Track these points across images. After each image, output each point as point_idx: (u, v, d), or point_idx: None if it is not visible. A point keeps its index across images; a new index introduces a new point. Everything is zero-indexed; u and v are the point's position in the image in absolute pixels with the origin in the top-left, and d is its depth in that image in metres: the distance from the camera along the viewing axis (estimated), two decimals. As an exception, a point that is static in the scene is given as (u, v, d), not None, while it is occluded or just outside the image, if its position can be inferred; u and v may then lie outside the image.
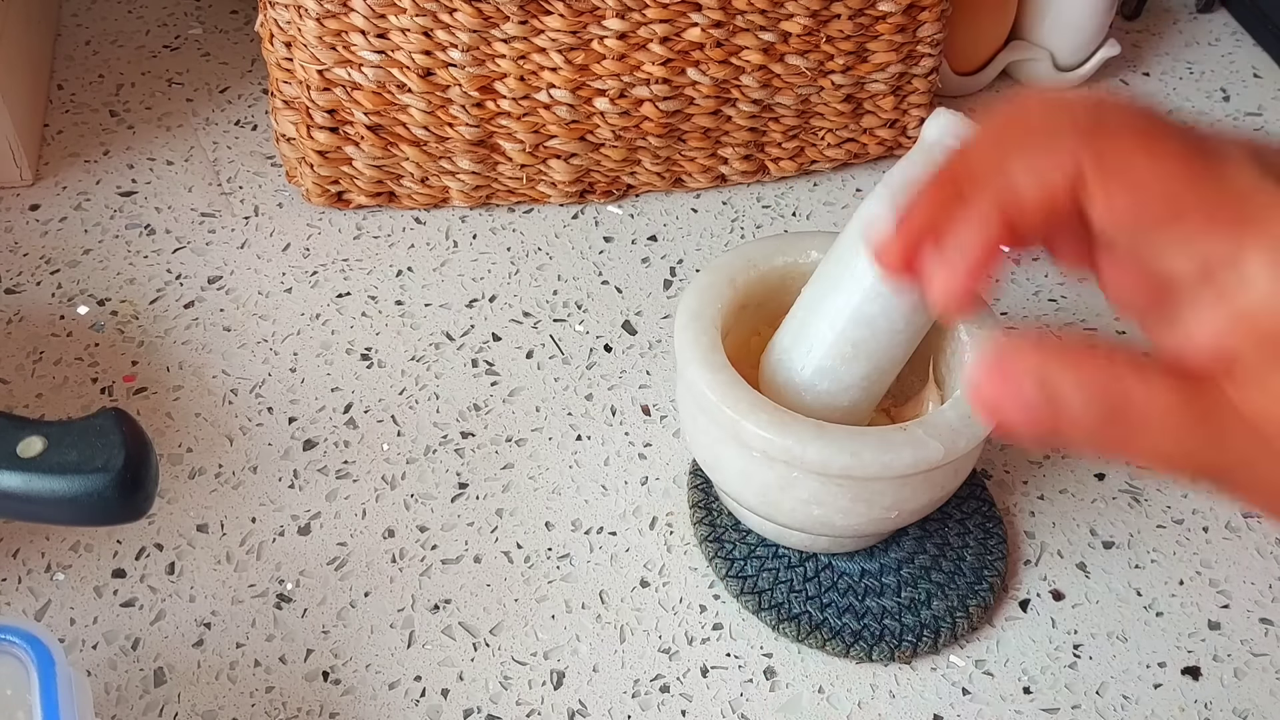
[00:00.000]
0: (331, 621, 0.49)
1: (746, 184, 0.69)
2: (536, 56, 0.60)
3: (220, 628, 0.48)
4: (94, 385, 0.57)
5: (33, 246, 0.63)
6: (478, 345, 0.59)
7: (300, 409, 0.56)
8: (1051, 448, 0.48)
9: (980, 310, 0.48)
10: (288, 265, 0.63)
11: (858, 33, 0.64)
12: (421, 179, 0.64)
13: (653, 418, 0.57)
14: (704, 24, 0.61)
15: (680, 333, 0.47)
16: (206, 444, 0.55)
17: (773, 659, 0.48)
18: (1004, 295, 0.64)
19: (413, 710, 0.46)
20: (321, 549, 0.51)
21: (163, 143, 0.69)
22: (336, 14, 0.58)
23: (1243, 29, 0.83)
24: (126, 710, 0.46)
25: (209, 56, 0.76)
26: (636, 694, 0.47)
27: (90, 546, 0.51)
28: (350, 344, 0.59)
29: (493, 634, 0.49)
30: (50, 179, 0.67)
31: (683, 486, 0.54)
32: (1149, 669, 0.49)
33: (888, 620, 0.49)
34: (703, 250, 0.65)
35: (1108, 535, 0.53)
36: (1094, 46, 0.75)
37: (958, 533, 0.52)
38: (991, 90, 0.77)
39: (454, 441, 0.55)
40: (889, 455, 0.43)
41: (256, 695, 0.46)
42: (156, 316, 0.60)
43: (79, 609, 0.49)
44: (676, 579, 0.51)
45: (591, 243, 0.65)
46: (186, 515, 0.52)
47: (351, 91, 0.61)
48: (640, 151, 0.65)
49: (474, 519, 0.52)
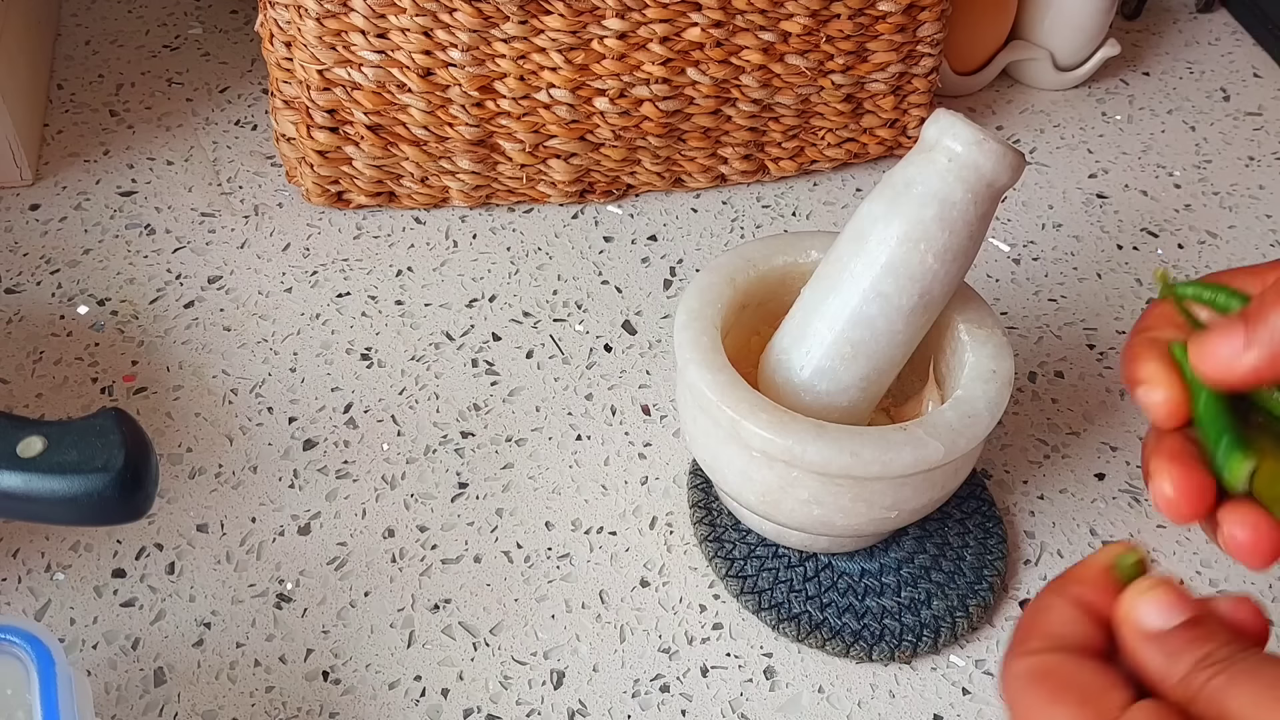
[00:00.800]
0: (331, 621, 0.49)
1: (746, 184, 0.69)
2: (536, 56, 0.60)
3: (220, 627, 0.48)
4: (94, 385, 0.57)
5: (33, 246, 0.63)
6: (478, 345, 0.59)
7: (300, 409, 0.56)
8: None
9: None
10: (288, 265, 0.63)
11: (858, 32, 0.64)
12: (421, 179, 0.64)
13: (653, 418, 0.57)
14: (704, 24, 0.61)
15: (680, 333, 0.47)
16: (206, 444, 0.55)
17: (773, 659, 0.48)
18: (1004, 295, 0.64)
19: (413, 710, 0.46)
20: (321, 549, 0.51)
21: (163, 143, 0.69)
22: (336, 14, 0.58)
23: (1243, 29, 0.83)
24: (126, 710, 0.46)
25: (209, 56, 0.76)
26: (636, 694, 0.47)
27: (90, 546, 0.51)
28: (350, 344, 0.59)
29: (493, 634, 0.49)
30: (50, 179, 0.67)
31: (683, 486, 0.54)
32: (1149, 669, 0.49)
33: (888, 620, 0.49)
34: (703, 250, 0.65)
35: (1108, 535, 0.53)
36: (1094, 46, 0.75)
37: (958, 533, 0.52)
38: (991, 90, 0.77)
39: (454, 441, 0.55)
40: (889, 455, 0.43)
41: (256, 695, 0.46)
42: (156, 316, 0.60)
43: (79, 609, 0.49)
44: (676, 579, 0.51)
45: (591, 243, 0.65)
46: (186, 515, 0.52)
47: (351, 91, 0.61)
48: (640, 151, 0.65)
49: (474, 519, 0.52)
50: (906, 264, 0.44)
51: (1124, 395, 0.59)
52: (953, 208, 0.43)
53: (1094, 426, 0.58)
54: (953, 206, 0.43)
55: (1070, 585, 0.30)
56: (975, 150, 0.43)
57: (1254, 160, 0.73)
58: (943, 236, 0.43)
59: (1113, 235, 0.68)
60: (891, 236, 0.44)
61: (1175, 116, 0.76)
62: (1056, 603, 0.30)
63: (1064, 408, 0.58)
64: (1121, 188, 0.71)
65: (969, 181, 0.43)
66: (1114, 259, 0.66)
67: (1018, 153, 0.43)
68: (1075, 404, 0.59)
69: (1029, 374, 0.60)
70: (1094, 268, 0.66)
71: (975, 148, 0.43)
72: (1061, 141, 0.74)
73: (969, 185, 0.43)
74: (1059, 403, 0.59)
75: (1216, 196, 0.70)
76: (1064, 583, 0.30)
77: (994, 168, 0.43)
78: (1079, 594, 0.30)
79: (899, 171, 0.45)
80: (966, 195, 0.43)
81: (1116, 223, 0.68)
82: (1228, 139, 0.74)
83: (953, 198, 0.43)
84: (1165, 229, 0.68)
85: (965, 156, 0.43)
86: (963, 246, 0.44)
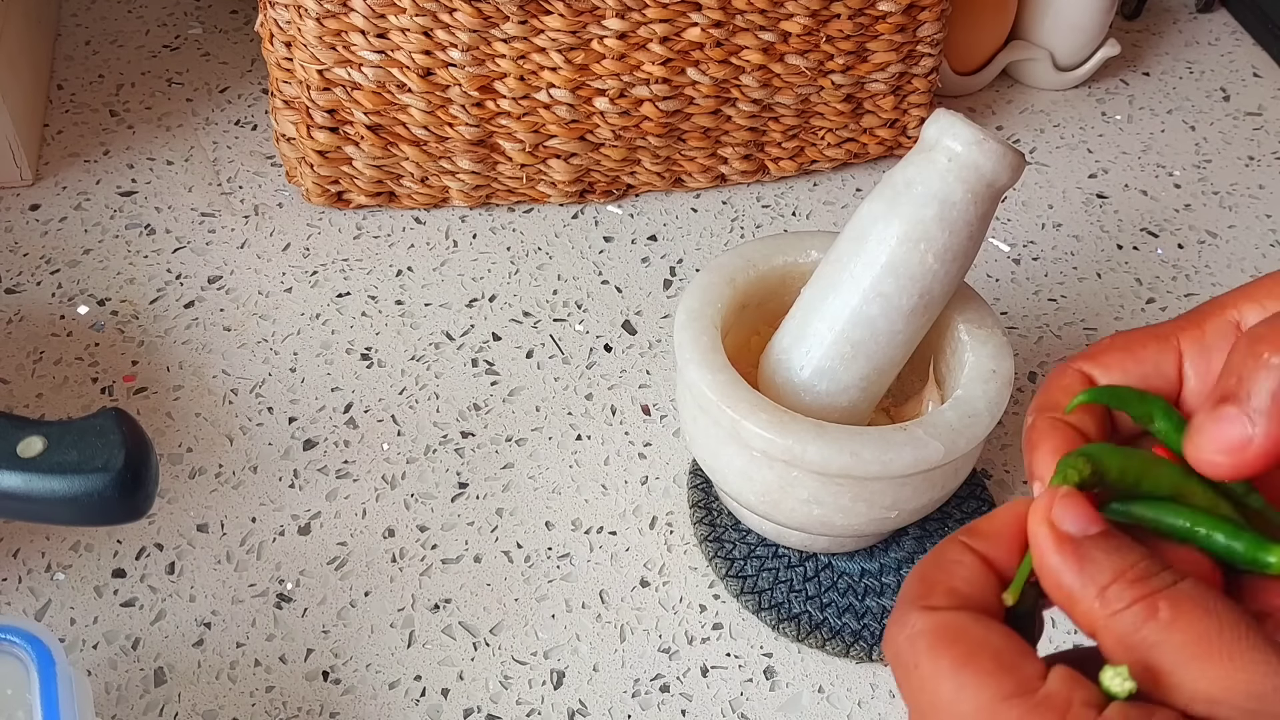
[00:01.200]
0: (331, 621, 0.49)
1: (746, 184, 0.69)
2: (536, 56, 0.60)
3: (220, 627, 0.48)
4: (94, 385, 0.57)
5: (33, 246, 0.63)
6: (478, 345, 0.59)
7: (300, 409, 0.56)
8: None
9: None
10: (288, 265, 0.63)
11: (858, 32, 0.64)
12: (421, 179, 0.64)
13: (653, 418, 0.57)
14: (704, 24, 0.61)
15: (680, 332, 0.47)
16: (206, 444, 0.55)
17: (773, 659, 0.48)
18: (1004, 295, 0.64)
19: (413, 710, 0.46)
20: (321, 549, 0.51)
21: (163, 143, 0.69)
22: (336, 14, 0.58)
23: (1243, 29, 0.83)
24: (126, 710, 0.46)
25: (209, 56, 0.76)
26: (636, 694, 0.47)
27: (90, 546, 0.51)
28: (350, 344, 0.59)
29: (493, 633, 0.49)
30: (50, 179, 0.67)
31: (683, 486, 0.54)
32: (1149, 669, 0.49)
33: (888, 620, 0.49)
34: (703, 250, 0.65)
35: (1107, 535, 0.53)
36: (1094, 46, 0.75)
37: (958, 532, 0.52)
38: (991, 90, 0.77)
39: (454, 441, 0.55)
40: (889, 455, 0.43)
41: (256, 695, 0.46)
42: (156, 316, 0.60)
43: (79, 609, 0.49)
44: (676, 579, 0.51)
45: (591, 242, 0.65)
46: (186, 515, 0.52)
47: (351, 91, 0.61)
48: (640, 151, 0.65)
49: (474, 519, 0.52)
50: (906, 264, 0.44)
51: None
52: (953, 208, 0.43)
53: (1094, 426, 0.58)
54: (953, 206, 0.43)
55: (979, 540, 0.27)
56: (975, 150, 0.43)
57: (1254, 160, 0.73)
58: (943, 236, 0.43)
59: (1113, 235, 0.68)
60: (891, 236, 0.44)
61: (1175, 116, 0.76)
62: (965, 558, 0.26)
63: (1064, 408, 0.58)
64: (1121, 188, 0.71)
65: (969, 181, 0.43)
66: (1114, 259, 0.66)
67: (1018, 153, 0.43)
68: (1075, 404, 0.59)
69: (1029, 374, 0.60)
70: (1094, 268, 0.66)
71: (975, 148, 0.43)
72: (1061, 141, 0.74)
73: (969, 185, 0.43)
74: (1059, 403, 0.59)
75: (1216, 196, 0.70)
76: (972, 535, 0.27)
77: (994, 168, 0.43)
78: (988, 551, 0.26)
79: (899, 171, 0.45)
80: (966, 195, 0.43)
81: (1116, 223, 0.68)
82: (1228, 139, 0.74)
83: (953, 198, 0.43)
84: (1165, 229, 0.68)
85: (965, 156, 0.43)
86: (963, 246, 0.44)
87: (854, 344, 0.45)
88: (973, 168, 0.43)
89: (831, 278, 0.46)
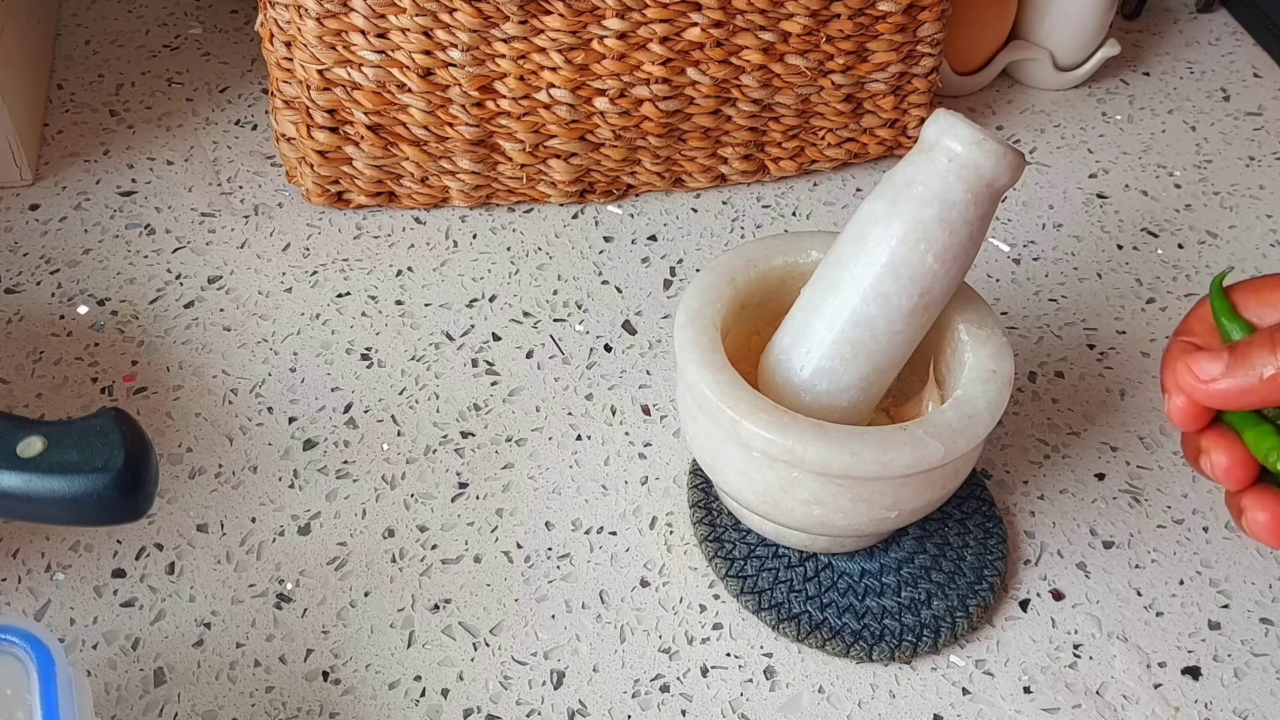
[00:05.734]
0: (331, 621, 0.49)
1: (746, 184, 0.69)
2: (536, 56, 0.60)
3: (220, 628, 0.48)
4: (94, 385, 0.57)
5: (33, 246, 0.63)
6: (478, 345, 0.59)
7: (300, 409, 0.56)
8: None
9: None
10: (288, 265, 0.63)
11: (858, 32, 0.64)
12: (421, 179, 0.64)
13: (653, 418, 0.57)
14: (704, 24, 0.61)
15: (680, 332, 0.47)
16: (206, 444, 0.55)
17: (773, 659, 0.48)
18: (1004, 295, 0.64)
19: (413, 710, 0.46)
20: (321, 549, 0.51)
21: (163, 143, 0.69)
22: (336, 14, 0.58)
23: (1243, 29, 0.83)
24: (126, 710, 0.46)
25: (209, 56, 0.76)
26: (636, 694, 0.47)
27: (90, 546, 0.51)
28: (350, 344, 0.59)
29: (493, 634, 0.49)
30: (50, 179, 0.67)
31: (683, 486, 0.54)
32: (1149, 669, 0.49)
33: (888, 620, 0.49)
34: (703, 250, 0.65)
35: (1108, 535, 0.53)
36: (1094, 46, 0.75)
37: (958, 533, 0.52)
38: (991, 90, 0.77)
39: (454, 441, 0.55)
40: (889, 455, 0.43)
41: (256, 695, 0.46)
42: (156, 316, 0.60)
43: (79, 609, 0.49)
44: (676, 579, 0.51)
45: (591, 243, 0.65)
46: (186, 515, 0.52)
47: (351, 91, 0.61)
48: (640, 151, 0.65)
49: (474, 519, 0.52)
50: (907, 264, 0.44)
51: (1124, 395, 0.59)
52: (953, 208, 0.43)
53: (1094, 427, 0.58)
54: (953, 206, 0.43)
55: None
56: (975, 150, 0.43)
57: (1254, 160, 0.73)
58: (943, 236, 0.43)
59: (1113, 235, 0.68)
60: (892, 236, 0.44)
61: (1175, 116, 0.76)
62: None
63: (1064, 408, 0.58)
64: (1122, 188, 0.71)
65: (969, 181, 0.43)
66: (1114, 259, 0.66)
67: (1018, 153, 0.43)
68: (1075, 404, 0.59)
69: (1029, 374, 0.60)
70: (1094, 268, 0.66)
71: (975, 148, 0.43)
72: (1061, 141, 0.74)
73: (969, 185, 0.43)
74: (1059, 403, 0.59)
75: (1217, 196, 0.70)
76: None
77: (994, 168, 0.43)
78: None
79: (899, 171, 0.45)
80: (966, 195, 0.43)
81: (1117, 223, 0.68)
82: (1228, 139, 0.74)
83: (953, 198, 0.43)
84: (1165, 229, 0.68)
85: (965, 156, 0.43)
86: (963, 246, 0.44)
87: (854, 344, 0.45)
88: (973, 168, 0.43)
89: (831, 278, 0.46)
